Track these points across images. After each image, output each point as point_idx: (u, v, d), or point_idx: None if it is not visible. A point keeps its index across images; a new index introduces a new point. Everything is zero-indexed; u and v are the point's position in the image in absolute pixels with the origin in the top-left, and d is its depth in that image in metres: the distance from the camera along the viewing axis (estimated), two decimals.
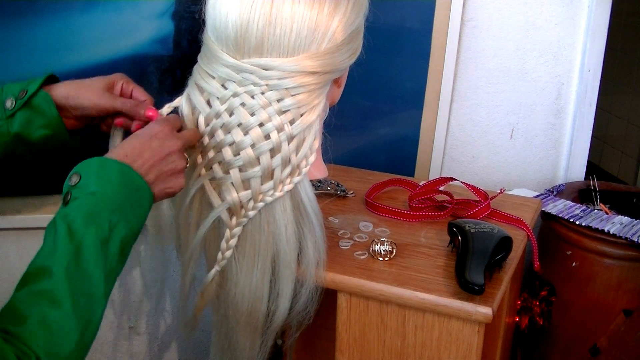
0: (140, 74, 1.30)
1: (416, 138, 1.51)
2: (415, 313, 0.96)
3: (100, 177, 0.78)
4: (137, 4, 1.26)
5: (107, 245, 0.76)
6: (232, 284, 0.97)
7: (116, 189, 0.78)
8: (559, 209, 1.47)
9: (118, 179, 0.79)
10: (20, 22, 1.22)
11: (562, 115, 1.60)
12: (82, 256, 0.73)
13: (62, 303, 0.70)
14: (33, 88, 0.92)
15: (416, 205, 1.19)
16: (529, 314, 1.44)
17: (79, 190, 0.77)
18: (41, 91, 0.92)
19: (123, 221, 0.78)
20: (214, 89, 0.92)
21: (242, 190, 0.93)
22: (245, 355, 1.01)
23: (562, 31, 1.53)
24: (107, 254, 0.76)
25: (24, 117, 0.92)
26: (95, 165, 0.79)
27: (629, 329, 1.41)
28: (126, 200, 0.79)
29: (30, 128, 0.92)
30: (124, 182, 0.79)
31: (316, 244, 0.96)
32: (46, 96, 0.92)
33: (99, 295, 0.74)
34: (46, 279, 0.71)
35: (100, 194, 0.77)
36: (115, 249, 0.77)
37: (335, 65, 0.92)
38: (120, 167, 0.80)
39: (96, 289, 0.74)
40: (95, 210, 0.76)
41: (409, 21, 1.42)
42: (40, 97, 0.92)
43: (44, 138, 0.93)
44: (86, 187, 0.77)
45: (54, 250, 0.73)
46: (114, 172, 0.79)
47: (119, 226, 0.77)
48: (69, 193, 0.78)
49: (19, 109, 0.91)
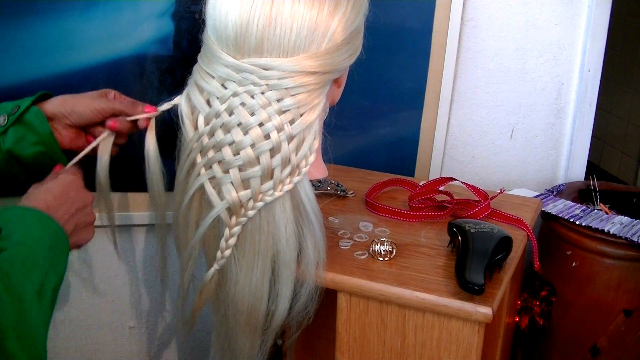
0: (140, 74, 1.30)
1: (416, 138, 1.51)
2: (415, 313, 0.96)
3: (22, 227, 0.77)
4: (137, 4, 1.26)
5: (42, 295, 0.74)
6: (232, 283, 0.97)
7: (41, 238, 0.78)
8: (559, 209, 1.47)
9: (41, 228, 0.79)
10: (20, 22, 1.22)
11: (562, 115, 1.60)
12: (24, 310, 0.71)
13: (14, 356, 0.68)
14: (25, 104, 0.92)
15: (416, 205, 1.19)
16: (529, 314, 1.44)
17: (4, 241, 0.75)
18: (33, 107, 0.92)
19: (52, 269, 0.77)
20: (213, 88, 0.92)
21: (242, 190, 0.93)
22: (245, 355, 1.01)
23: (562, 31, 1.53)
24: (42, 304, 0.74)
25: (16, 134, 0.91)
26: (15, 216, 0.78)
27: (629, 329, 1.41)
28: (51, 249, 0.78)
29: (22, 145, 0.92)
30: (46, 231, 0.79)
31: (316, 244, 0.96)
32: (38, 112, 0.92)
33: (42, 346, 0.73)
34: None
35: (27, 243, 0.76)
36: (48, 298, 0.75)
37: (335, 65, 0.92)
38: (39, 216, 0.80)
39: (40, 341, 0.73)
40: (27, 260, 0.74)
41: (409, 21, 1.42)
42: (32, 113, 0.92)
43: (36, 155, 0.93)
44: (11, 238, 0.75)
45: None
46: (35, 221, 0.79)
47: (49, 275, 0.76)
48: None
49: (11, 125, 0.91)
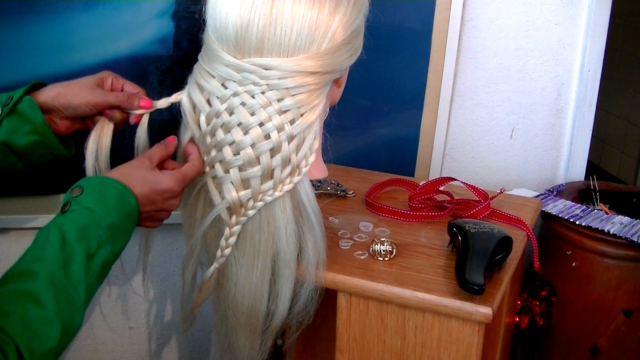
0: (140, 74, 1.30)
1: (416, 138, 1.51)
2: (415, 313, 0.96)
3: (99, 195, 0.82)
4: (137, 4, 1.26)
5: (92, 261, 0.79)
6: (232, 283, 0.97)
7: (111, 210, 0.82)
8: (559, 209, 1.47)
9: (115, 201, 0.83)
10: (20, 22, 1.22)
11: (562, 115, 1.60)
12: (70, 266, 0.76)
13: (45, 305, 0.72)
14: (18, 94, 0.92)
15: (416, 205, 1.19)
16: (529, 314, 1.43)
17: (78, 202, 0.81)
18: (25, 97, 0.92)
19: (109, 242, 0.81)
20: (214, 88, 0.92)
21: (242, 189, 0.93)
22: (245, 354, 1.01)
23: (562, 31, 1.53)
24: (90, 269, 0.79)
25: (10, 125, 0.92)
26: (97, 183, 0.83)
27: (629, 329, 1.41)
28: (117, 224, 0.83)
29: (17, 135, 0.92)
30: (119, 206, 0.83)
31: (316, 244, 0.96)
32: (30, 101, 0.92)
33: (79, 304, 0.77)
34: (31, 281, 0.73)
35: (96, 211, 0.81)
36: (97, 266, 0.80)
37: (336, 66, 0.92)
38: (120, 189, 0.84)
39: (78, 299, 0.77)
40: (88, 227, 0.79)
41: (409, 21, 1.42)
42: (24, 102, 0.92)
43: (31, 144, 0.93)
44: (84, 202, 0.81)
45: (42, 255, 0.76)
46: (113, 194, 0.83)
47: (105, 246, 0.81)
48: (69, 203, 0.81)
49: (5, 116, 0.92)
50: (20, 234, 1.39)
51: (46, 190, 1.33)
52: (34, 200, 1.34)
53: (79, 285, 0.77)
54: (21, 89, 0.93)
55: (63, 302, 0.74)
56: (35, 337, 0.71)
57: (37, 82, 0.96)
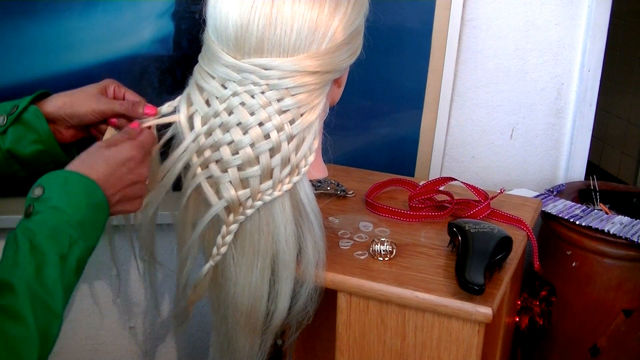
0: (140, 74, 1.30)
1: (416, 138, 1.51)
2: (415, 313, 0.96)
3: (63, 191, 0.78)
4: (137, 4, 1.26)
5: (66, 261, 0.76)
6: (232, 283, 0.97)
7: (78, 205, 0.78)
8: (559, 209, 1.47)
9: (82, 196, 0.79)
10: (20, 22, 1.22)
11: (562, 115, 1.60)
12: (43, 272, 0.73)
13: (23, 319, 0.70)
14: (23, 104, 0.92)
15: (416, 205, 1.19)
16: (529, 314, 1.44)
17: (41, 203, 0.77)
18: (31, 106, 0.92)
19: (82, 238, 0.78)
20: (213, 88, 0.92)
21: (241, 189, 0.93)
22: (245, 355, 1.01)
23: (562, 31, 1.53)
24: (65, 270, 0.76)
25: (15, 134, 0.92)
26: (59, 179, 0.79)
27: (629, 329, 1.41)
28: (87, 218, 0.79)
29: (22, 144, 0.92)
30: (87, 201, 0.80)
31: (315, 244, 0.96)
32: (36, 111, 0.92)
33: (57, 311, 0.74)
34: (8, 295, 0.71)
35: (63, 209, 0.77)
36: (72, 265, 0.77)
37: (335, 65, 0.92)
38: (84, 182, 0.80)
39: (55, 305, 0.74)
40: (57, 227, 0.76)
41: (409, 21, 1.42)
42: (30, 112, 0.92)
43: (36, 153, 0.93)
44: (49, 201, 0.77)
45: (15, 264, 0.73)
46: (78, 187, 0.79)
47: (78, 243, 0.77)
48: (32, 205, 0.77)
49: (10, 125, 0.92)
50: None
51: None
52: None
53: (56, 291, 0.74)
54: (27, 98, 0.93)
55: (41, 313, 0.72)
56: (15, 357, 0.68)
57: (42, 92, 0.96)
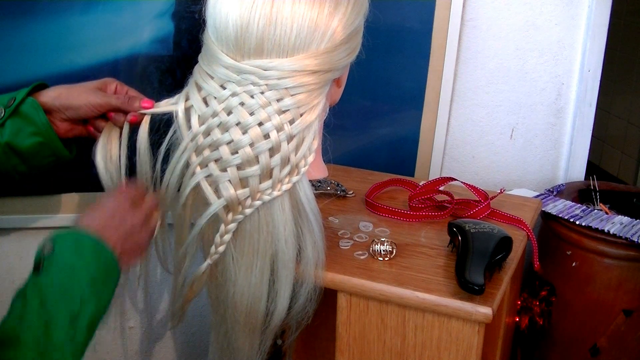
0: (140, 74, 1.30)
1: (416, 138, 1.51)
2: (415, 313, 0.96)
3: (75, 251, 0.79)
4: (137, 4, 1.26)
5: (77, 321, 0.76)
6: (231, 283, 0.97)
7: (89, 265, 0.79)
8: (559, 209, 1.47)
9: (92, 254, 0.80)
10: (20, 22, 1.22)
11: (562, 115, 1.60)
12: (51, 330, 0.73)
13: None
14: (21, 96, 0.92)
15: (416, 205, 1.19)
16: (529, 314, 1.44)
17: (51, 261, 0.77)
18: (29, 98, 0.92)
19: (94, 298, 0.78)
20: (212, 89, 0.92)
21: (240, 188, 0.92)
22: (244, 355, 1.01)
23: (562, 31, 1.53)
24: (76, 330, 0.76)
25: (13, 126, 0.91)
26: (70, 239, 0.80)
27: (629, 329, 1.41)
28: (98, 277, 0.79)
29: (20, 136, 0.92)
30: (97, 258, 0.80)
31: (315, 244, 0.96)
32: (33, 102, 0.92)
33: None
34: (11, 349, 0.71)
35: (74, 268, 0.77)
36: (84, 325, 0.77)
37: (334, 64, 0.92)
38: (94, 242, 0.81)
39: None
40: (68, 285, 0.76)
41: (409, 21, 1.42)
42: (27, 104, 0.92)
43: (34, 146, 0.93)
44: (60, 259, 0.77)
45: (22, 320, 0.73)
46: (89, 247, 0.80)
47: (90, 303, 0.77)
48: (42, 261, 0.77)
49: (8, 117, 0.91)
50: (20, 233, 1.39)
51: (46, 190, 1.33)
52: (34, 200, 1.34)
53: (64, 350, 0.73)
54: (24, 90, 0.93)
55: None
56: None
57: (40, 83, 0.96)
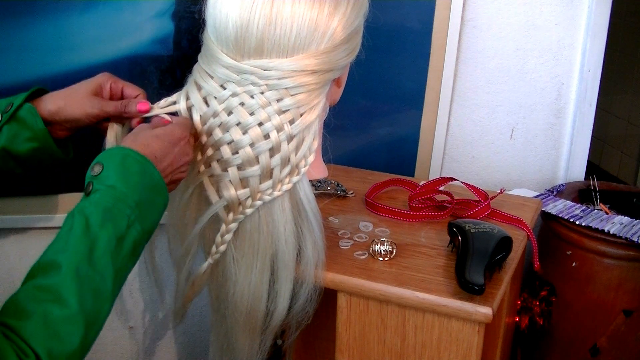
0: (140, 74, 1.30)
1: (416, 138, 1.51)
2: (415, 313, 0.96)
3: (121, 170, 0.78)
4: (137, 4, 1.26)
5: (122, 244, 0.75)
6: (231, 283, 0.97)
7: (136, 185, 0.78)
8: (559, 209, 1.47)
9: (139, 175, 0.79)
10: (20, 22, 1.22)
11: (562, 115, 1.60)
12: (95, 253, 0.73)
13: (68, 301, 0.69)
14: (18, 101, 0.92)
15: (416, 205, 1.19)
16: (529, 314, 1.44)
17: (100, 181, 0.77)
18: (26, 104, 0.92)
19: (139, 220, 0.78)
20: (212, 88, 0.92)
21: (240, 188, 0.93)
22: (244, 354, 1.01)
23: (562, 31, 1.53)
24: (120, 252, 0.75)
25: (10, 131, 0.92)
26: (118, 157, 0.79)
27: (629, 329, 1.41)
28: (144, 199, 0.79)
29: (17, 141, 0.92)
30: (144, 180, 0.79)
31: (315, 244, 0.96)
32: (31, 108, 0.92)
33: (107, 294, 0.74)
34: (55, 275, 0.70)
35: (120, 189, 0.77)
36: (129, 247, 0.76)
37: (334, 64, 0.92)
38: (141, 161, 0.80)
39: (105, 288, 0.73)
40: (114, 206, 0.75)
41: (409, 21, 1.42)
42: (25, 109, 0.92)
43: (31, 151, 0.93)
44: (107, 179, 0.77)
45: (67, 244, 0.73)
46: (135, 166, 0.79)
47: (134, 225, 0.77)
48: (91, 183, 0.77)
49: (5, 122, 0.91)
50: (20, 233, 1.39)
51: (46, 190, 1.33)
52: (34, 200, 1.34)
53: (106, 273, 0.73)
54: (21, 95, 0.93)
55: (88, 296, 0.71)
56: (56, 340, 0.68)
57: (38, 89, 0.96)
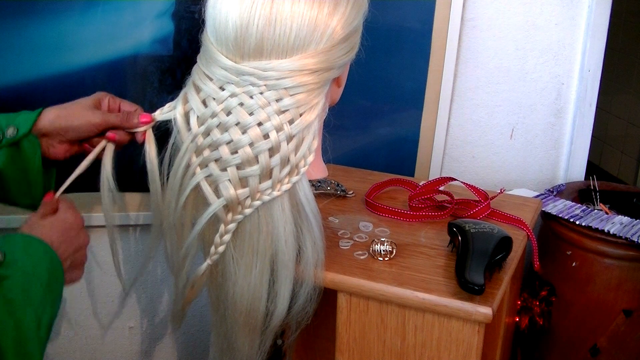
0: (140, 74, 1.30)
1: (416, 138, 1.51)
2: (415, 313, 0.96)
3: (27, 256, 0.79)
4: (137, 4, 1.26)
5: (41, 323, 0.76)
6: (231, 283, 0.97)
7: (43, 270, 0.79)
8: (559, 209, 1.47)
9: (44, 260, 0.80)
10: (20, 22, 1.22)
11: (562, 115, 1.60)
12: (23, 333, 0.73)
13: None
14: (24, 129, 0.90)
15: (416, 205, 1.19)
16: (529, 314, 1.44)
17: (7, 268, 0.77)
18: (31, 135, 0.91)
19: (50, 302, 0.78)
20: (211, 90, 0.92)
21: (240, 188, 0.92)
22: (244, 355, 1.01)
23: (562, 31, 1.53)
24: (41, 331, 0.76)
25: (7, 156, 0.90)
26: (20, 243, 0.80)
27: (629, 329, 1.41)
28: (51, 282, 0.79)
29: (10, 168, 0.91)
30: (49, 264, 0.80)
31: (315, 244, 0.96)
32: (34, 141, 0.91)
33: None
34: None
35: (32, 273, 0.77)
36: (45, 330, 0.77)
37: (333, 62, 0.91)
38: (45, 248, 0.81)
39: None
40: (30, 289, 0.76)
41: (409, 21, 1.42)
42: (29, 141, 0.91)
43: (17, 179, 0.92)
44: (15, 265, 0.77)
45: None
46: (40, 252, 0.80)
47: (47, 307, 0.77)
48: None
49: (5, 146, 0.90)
50: None
51: None
52: None
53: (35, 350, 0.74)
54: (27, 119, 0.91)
55: None
56: None
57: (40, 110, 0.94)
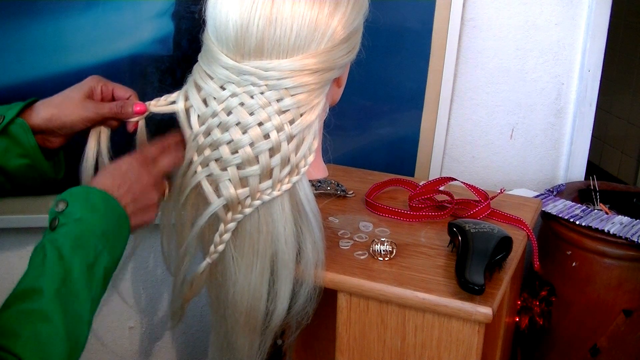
0: (140, 74, 1.30)
1: (416, 138, 1.51)
2: (415, 313, 0.96)
3: (86, 205, 0.81)
4: (137, 4, 1.26)
5: (93, 271, 0.78)
6: (231, 283, 0.97)
7: (101, 217, 0.81)
8: (559, 209, 1.47)
9: (103, 207, 0.82)
10: (20, 22, 1.22)
11: (562, 115, 1.60)
12: (71, 280, 0.75)
13: (54, 321, 0.71)
14: (10, 115, 0.90)
15: (416, 205, 1.19)
16: (529, 314, 1.44)
17: (65, 216, 0.79)
18: (18, 119, 0.91)
19: (107, 249, 0.80)
20: (211, 89, 0.92)
21: (240, 188, 0.92)
22: (244, 354, 1.01)
23: (562, 31, 1.53)
24: (92, 280, 0.77)
25: (0, 146, 0.91)
26: (81, 194, 0.82)
27: (629, 329, 1.41)
28: (109, 229, 0.81)
29: (7, 157, 0.91)
30: (107, 211, 0.82)
31: (315, 244, 0.96)
32: (23, 124, 0.90)
33: (85, 318, 0.76)
34: (37, 299, 0.72)
35: (86, 221, 0.79)
36: (100, 275, 0.79)
37: (333, 62, 0.91)
38: (104, 196, 0.83)
39: (83, 312, 0.76)
40: (82, 237, 0.78)
41: (409, 21, 1.42)
42: (17, 125, 0.90)
43: (22, 168, 0.92)
44: (72, 214, 0.79)
45: (43, 272, 0.74)
46: (99, 200, 0.82)
47: (103, 254, 0.79)
48: (56, 219, 0.79)
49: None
50: (20, 233, 1.39)
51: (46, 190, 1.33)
52: (34, 200, 1.34)
53: (83, 298, 0.76)
54: (14, 108, 0.91)
55: (70, 317, 0.73)
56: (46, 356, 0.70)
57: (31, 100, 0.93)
